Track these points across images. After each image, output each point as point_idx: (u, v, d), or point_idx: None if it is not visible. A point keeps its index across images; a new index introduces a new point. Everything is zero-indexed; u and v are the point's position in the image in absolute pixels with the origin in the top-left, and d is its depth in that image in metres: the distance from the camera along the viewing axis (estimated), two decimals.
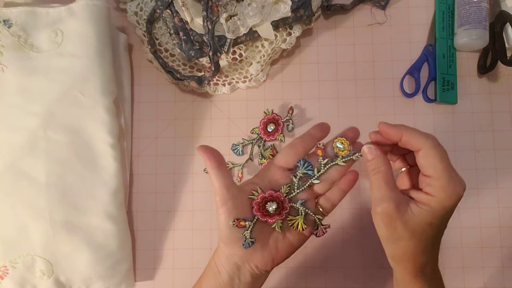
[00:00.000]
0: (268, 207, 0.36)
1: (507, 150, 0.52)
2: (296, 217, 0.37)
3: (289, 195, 0.37)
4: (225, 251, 0.37)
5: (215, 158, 0.36)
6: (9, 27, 0.48)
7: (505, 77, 0.52)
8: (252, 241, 0.36)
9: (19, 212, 0.48)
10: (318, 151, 0.38)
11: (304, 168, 0.37)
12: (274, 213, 0.36)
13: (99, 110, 0.48)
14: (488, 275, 0.50)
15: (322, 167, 0.37)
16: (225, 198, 0.35)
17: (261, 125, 0.53)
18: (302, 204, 0.37)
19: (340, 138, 0.38)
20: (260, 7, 0.48)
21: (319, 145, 0.38)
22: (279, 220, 0.36)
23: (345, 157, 0.37)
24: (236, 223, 0.35)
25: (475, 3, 0.50)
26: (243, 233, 0.35)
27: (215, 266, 0.38)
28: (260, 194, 0.36)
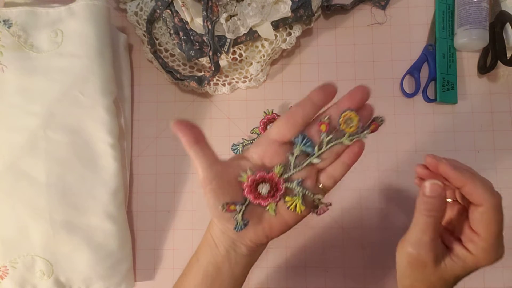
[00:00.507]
0: (260, 189, 0.32)
1: (507, 150, 0.52)
2: (294, 198, 0.33)
3: (284, 175, 0.33)
4: (219, 226, 0.35)
5: (192, 133, 0.32)
6: (9, 27, 0.48)
7: (505, 77, 0.52)
8: (245, 224, 0.33)
9: (19, 212, 0.48)
10: (321, 126, 0.32)
11: (302, 145, 0.32)
12: (268, 196, 0.32)
13: (99, 110, 0.48)
14: (488, 275, 0.50)
15: (324, 145, 0.33)
16: (209, 177, 0.31)
17: (261, 125, 0.53)
18: (299, 184, 0.33)
19: (348, 112, 0.32)
20: (260, 7, 0.48)
21: (323, 119, 0.33)
22: (273, 203, 0.33)
23: (352, 135, 0.32)
24: (226, 208, 0.32)
25: (475, 3, 0.50)
26: (234, 217, 0.32)
27: (211, 239, 0.36)
28: (250, 176, 0.32)
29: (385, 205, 0.52)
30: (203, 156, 0.32)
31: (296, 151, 0.33)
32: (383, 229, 0.51)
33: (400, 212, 0.51)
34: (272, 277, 0.52)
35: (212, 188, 0.32)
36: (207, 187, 0.32)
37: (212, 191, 0.32)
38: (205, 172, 0.32)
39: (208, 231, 0.37)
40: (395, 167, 0.52)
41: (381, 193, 0.52)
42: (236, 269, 0.36)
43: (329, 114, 0.33)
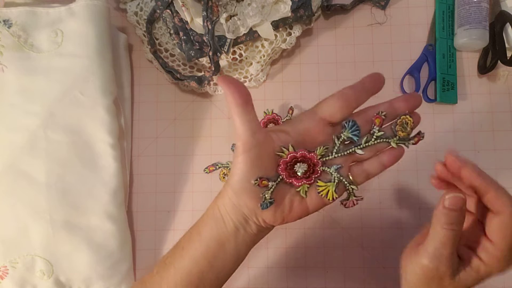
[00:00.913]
0: (297, 169, 0.31)
1: (507, 150, 0.52)
2: (327, 184, 0.31)
3: (324, 158, 0.31)
4: (233, 199, 0.32)
5: (241, 94, 0.30)
6: (9, 27, 0.48)
7: (505, 77, 0.52)
8: (271, 202, 0.31)
9: (19, 212, 0.48)
10: (376, 120, 0.31)
11: (350, 131, 0.31)
12: (302, 176, 0.31)
13: (99, 110, 0.48)
14: None
15: (373, 140, 0.32)
16: (250, 144, 0.29)
17: (261, 125, 0.53)
18: (337, 170, 0.31)
19: (408, 117, 0.32)
20: (260, 7, 0.48)
21: (380, 113, 0.32)
22: (305, 185, 0.31)
23: (401, 140, 0.32)
24: (259, 182, 0.30)
25: (475, 3, 0.50)
26: (263, 193, 0.31)
27: (218, 213, 0.34)
28: (291, 153, 0.31)
29: (385, 205, 0.52)
30: (249, 119, 0.30)
31: (344, 136, 0.31)
32: (383, 229, 0.51)
33: (400, 212, 0.51)
34: (272, 277, 0.52)
35: (249, 156, 0.30)
36: (244, 154, 0.30)
37: (248, 160, 0.30)
38: (247, 137, 0.29)
39: (216, 204, 0.34)
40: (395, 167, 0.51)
41: (381, 193, 0.52)
42: (241, 247, 0.34)
43: (385, 110, 0.32)
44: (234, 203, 0.32)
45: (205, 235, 0.34)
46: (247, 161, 0.30)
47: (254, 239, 0.35)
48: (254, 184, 0.30)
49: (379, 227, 0.51)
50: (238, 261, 0.35)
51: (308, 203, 0.33)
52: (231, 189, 0.32)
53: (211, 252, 0.34)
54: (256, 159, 0.30)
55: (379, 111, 0.32)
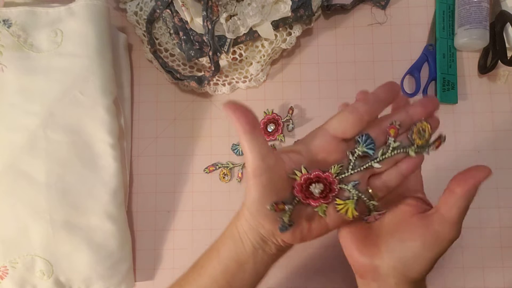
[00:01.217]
0: (313, 189, 0.30)
1: (508, 150, 0.52)
2: (347, 202, 0.30)
3: (340, 175, 0.30)
4: (250, 221, 0.32)
5: (248, 119, 0.29)
6: (8, 27, 0.48)
7: (506, 77, 0.52)
8: (290, 225, 0.30)
9: (19, 212, 0.48)
10: (391, 130, 0.30)
11: (365, 145, 0.30)
12: (319, 196, 0.30)
13: (99, 110, 0.48)
14: (488, 275, 0.50)
15: (389, 152, 0.30)
16: (260, 169, 0.29)
17: (261, 125, 0.53)
18: (355, 187, 0.30)
19: (425, 123, 0.30)
20: (260, 7, 0.48)
21: (394, 123, 0.30)
22: (324, 204, 0.30)
23: (419, 148, 0.30)
24: (275, 207, 0.29)
25: (475, 3, 0.50)
26: (280, 216, 0.30)
27: (237, 233, 0.33)
28: (304, 175, 0.30)
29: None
30: (257, 145, 0.29)
31: (358, 151, 0.30)
32: None
33: None
34: (272, 277, 0.52)
35: (261, 181, 0.29)
36: (255, 179, 0.29)
37: (260, 185, 0.29)
38: (257, 163, 0.29)
39: (234, 224, 0.34)
40: None
41: None
42: (259, 267, 0.34)
43: (399, 119, 0.31)
44: (251, 225, 0.32)
45: (223, 255, 0.34)
46: (259, 186, 0.29)
47: (274, 259, 0.34)
48: (270, 209, 0.29)
49: None
50: (257, 281, 0.35)
51: (328, 221, 0.32)
52: (248, 211, 0.32)
53: (229, 272, 0.34)
54: (269, 183, 0.29)
55: (393, 121, 0.31)
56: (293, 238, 0.32)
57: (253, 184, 0.29)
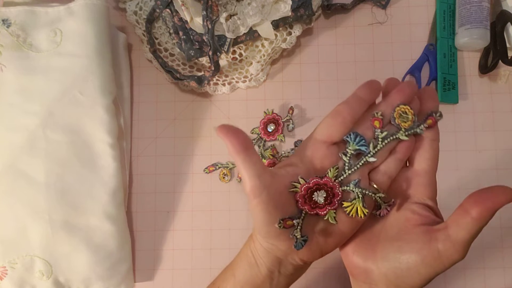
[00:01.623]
0: (316, 198, 0.30)
1: (509, 150, 0.51)
2: (353, 202, 0.30)
3: (338, 178, 0.30)
4: (264, 245, 0.31)
5: (240, 141, 0.29)
6: (8, 26, 0.48)
7: (506, 77, 0.52)
8: (305, 240, 0.30)
9: (18, 212, 0.47)
10: (375, 122, 0.30)
11: (356, 143, 0.30)
12: (325, 203, 0.30)
13: (99, 110, 0.48)
14: (488, 276, 0.50)
15: (379, 142, 0.30)
16: (258, 189, 0.29)
17: (261, 125, 0.53)
18: (357, 185, 0.30)
19: (403, 106, 0.30)
20: (260, 6, 0.48)
21: (376, 114, 0.30)
22: (332, 210, 0.30)
23: (408, 130, 0.30)
24: (283, 224, 0.29)
25: (476, 3, 0.50)
26: (292, 233, 0.29)
27: (251, 256, 0.33)
28: (303, 185, 0.29)
29: None
30: (252, 164, 0.29)
31: (350, 151, 0.30)
32: None
33: None
34: None
35: (262, 201, 0.29)
36: (256, 200, 0.29)
37: (262, 204, 0.29)
38: (253, 182, 0.29)
39: (248, 247, 0.33)
40: None
41: None
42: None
43: (380, 109, 0.31)
44: (265, 248, 0.32)
45: (239, 278, 0.33)
46: (262, 205, 0.29)
47: (291, 279, 0.34)
48: (279, 227, 0.29)
49: None
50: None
51: (341, 228, 0.31)
52: (260, 234, 0.31)
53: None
54: (270, 201, 0.29)
55: (374, 113, 0.31)
56: (311, 254, 0.31)
57: (256, 205, 0.29)
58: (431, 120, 0.31)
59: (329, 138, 0.31)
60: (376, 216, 0.32)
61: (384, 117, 0.31)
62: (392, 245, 0.30)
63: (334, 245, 0.32)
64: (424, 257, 0.28)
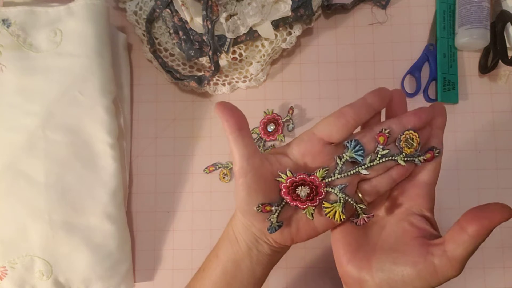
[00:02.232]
0: (299, 192, 0.30)
1: (509, 150, 0.51)
2: (334, 205, 0.30)
3: (326, 179, 0.31)
4: (242, 221, 0.33)
5: (235, 120, 0.30)
6: (8, 26, 0.48)
7: (506, 77, 0.52)
8: (279, 226, 0.31)
9: (18, 212, 0.47)
10: (380, 138, 0.30)
11: (353, 151, 0.30)
12: (306, 199, 0.30)
13: (99, 110, 0.48)
14: (489, 276, 0.50)
15: (377, 158, 0.30)
16: (245, 169, 0.30)
17: (261, 125, 0.53)
18: (342, 190, 0.30)
19: (412, 132, 0.30)
20: (260, 6, 0.48)
21: (383, 130, 0.30)
22: (311, 207, 0.31)
23: (408, 157, 0.30)
24: (261, 208, 0.30)
25: (476, 3, 0.50)
26: (268, 218, 0.31)
27: (232, 234, 0.34)
28: (290, 177, 0.30)
29: None
30: (243, 145, 0.30)
31: (346, 156, 0.31)
32: None
33: None
34: (272, 277, 0.52)
35: (246, 181, 0.30)
36: (240, 179, 0.30)
37: (245, 184, 0.30)
38: (242, 163, 0.30)
39: (230, 225, 0.35)
40: None
41: None
42: (257, 268, 0.34)
43: (389, 127, 0.31)
44: (244, 224, 0.33)
45: (221, 257, 0.35)
46: (245, 186, 0.30)
47: (270, 260, 0.35)
48: (257, 211, 0.30)
49: None
50: (256, 283, 0.35)
51: (316, 224, 0.32)
52: (239, 211, 0.33)
53: (228, 273, 0.35)
54: (254, 184, 0.30)
55: (382, 128, 0.31)
56: (283, 238, 0.32)
57: (240, 185, 0.30)
58: (430, 155, 0.31)
59: (327, 137, 0.31)
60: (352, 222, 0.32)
61: (390, 135, 0.31)
62: (388, 256, 0.30)
63: (306, 237, 0.33)
64: (419, 271, 0.28)
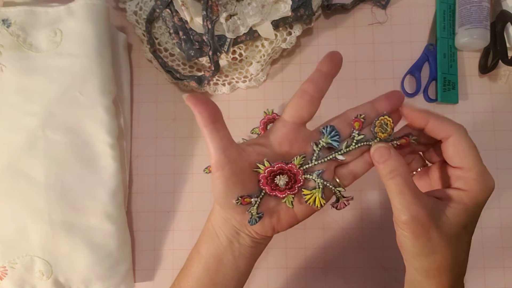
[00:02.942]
0: (278, 181, 0.30)
1: (508, 150, 0.51)
2: (313, 191, 0.31)
3: (304, 166, 0.31)
4: (222, 214, 0.33)
5: (209, 112, 0.29)
6: (8, 26, 0.48)
7: (506, 77, 0.52)
8: (260, 217, 0.31)
9: (18, 212, 0.47)
10: (355, 123, 0.31)
11: (329, 137, 0.31)
12: (285, 188, 0.30)
13: (99, 110, 0.48)
14: (489, 276, 0.50)
15: (353, 144, 0.31)
16: (222, 162, 0.29)
17: (261, 125, 0.53)
18: (319, 175, 0.31)
19: (387, 117, 0.31)
20: (260, 6, 0.48)
21: (359, 116, 0.31)
22: (290, 195, 0.31)
23: (383, 141, 0.31)
24: (241, 201, 0.30)
25: (476, 3, 0.50)
26: (248, 210, 0.31)
27: (212, 229, 0.34)
28: (267, 167, 0.30)
29: (385, 205, 0.51)
30: (218, 138, 0.29)
31: (322, 142, 0.31)
32: (383, 229, 0.51)
33: None
34: (272, 277, 0.52)
35: (223, 174, 0.29)
36: (217, 172, 0.29)
37: (222, 177, 0.29)
38: (218, 156, 0.29)
39: (209, 220, 0.35)
40: None
41: (381, 193, 0.52)
42: (239, 261, 0.34)
43: (364, 112, 0.32)
44: (223, 217, 0.33)
45: (203, 253, 0.34)
46: (222, 179, 0.29)
47: (253, 252, 0.34)
48: (237, 203, 0.30)
49: (379, 227, 0.51)
50: (240, 276, 0.35)
51: (296, 212, 0.32)
52: (217, 205, 0.32)
53: (211, 269, 0.34)
54: (231, 176, 0.29)
55: (357, 114, 0.31)
56: (264, 229, 0.32)
57: (217, 177, 0.29)
58: (405, 140, 0.32)
59: (298, 119, 0.31)
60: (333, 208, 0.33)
61: (365, 120, 0.31)
62: None
63: (286, 226, 0.33)
64: None
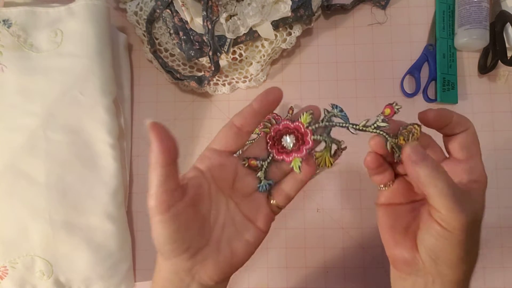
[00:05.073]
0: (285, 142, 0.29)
1: (508, 150, 0.51)
2: (323, 152, 0.30)
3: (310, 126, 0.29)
4: (167, 267, 0.29)
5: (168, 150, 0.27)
6: (8, 27, 0.48)
7: (506, 77, 0.52)
8: (270, 184, 0.30)
9: (19, 212, 0.48)
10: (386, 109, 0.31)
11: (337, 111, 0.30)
12: (292, 150, 0.29)
13: (99, 110, 0.48)
14: (488, 276, 0.50)
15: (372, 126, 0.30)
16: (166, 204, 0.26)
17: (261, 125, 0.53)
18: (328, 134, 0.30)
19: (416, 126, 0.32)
20: (260, 6, 0.48)
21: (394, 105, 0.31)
22: (297, 158, 0.29)
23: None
24: (247, 162, 0.29)
25: (475, 3, 0.50)
26: (257, 174, 0.29)
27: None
28: (274, 126, 0.30)
29: None
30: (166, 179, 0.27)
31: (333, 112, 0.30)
32: None
33: None
34: (272, 277, 0.52)
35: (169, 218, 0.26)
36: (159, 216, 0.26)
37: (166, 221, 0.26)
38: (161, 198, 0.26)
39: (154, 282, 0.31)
40: None
41: None
42: None
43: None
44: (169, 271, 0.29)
45: None
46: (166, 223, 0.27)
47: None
48: (244, 165, 0.29)
49: None
50: None
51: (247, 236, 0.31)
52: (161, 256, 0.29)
53: None
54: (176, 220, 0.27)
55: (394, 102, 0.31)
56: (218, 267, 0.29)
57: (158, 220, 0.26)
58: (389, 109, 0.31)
59: (226, 148, 0.31)
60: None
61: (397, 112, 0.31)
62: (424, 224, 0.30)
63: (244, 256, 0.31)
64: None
